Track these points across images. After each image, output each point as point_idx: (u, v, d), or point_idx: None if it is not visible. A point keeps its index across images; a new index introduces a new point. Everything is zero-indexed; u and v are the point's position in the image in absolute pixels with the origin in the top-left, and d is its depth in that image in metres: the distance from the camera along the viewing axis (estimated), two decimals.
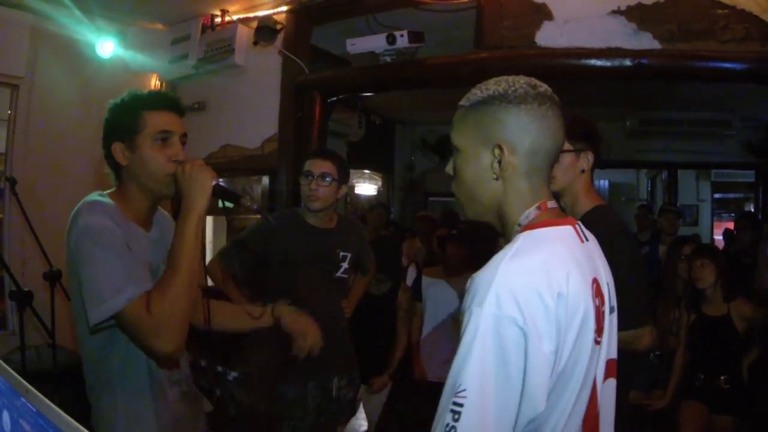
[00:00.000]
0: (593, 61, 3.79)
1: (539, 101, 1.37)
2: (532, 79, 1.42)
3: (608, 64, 3.75)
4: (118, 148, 1.96)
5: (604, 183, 10.53)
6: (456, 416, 1.16)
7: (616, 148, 8.90)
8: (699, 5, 3.63)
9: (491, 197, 1.42)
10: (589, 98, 7.18)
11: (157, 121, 1.96)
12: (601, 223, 2.15)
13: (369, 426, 4.73)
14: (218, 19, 5.14)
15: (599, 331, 1.34)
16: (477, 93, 1.43)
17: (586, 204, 2.44)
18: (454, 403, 1.16)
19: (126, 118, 1.95)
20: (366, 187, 9.77)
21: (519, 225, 1.38)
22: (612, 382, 1.46)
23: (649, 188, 10.91)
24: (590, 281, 1.34)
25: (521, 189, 1.39)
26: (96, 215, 1.83)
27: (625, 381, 2.09)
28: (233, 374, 4.76)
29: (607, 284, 1.45)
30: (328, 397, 3.44)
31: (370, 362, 4.36)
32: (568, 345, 1.24)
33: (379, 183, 10.00)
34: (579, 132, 2.46)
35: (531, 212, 1.38)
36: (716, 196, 10.47)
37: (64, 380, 4.01)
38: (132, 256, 1.83)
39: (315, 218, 3.41)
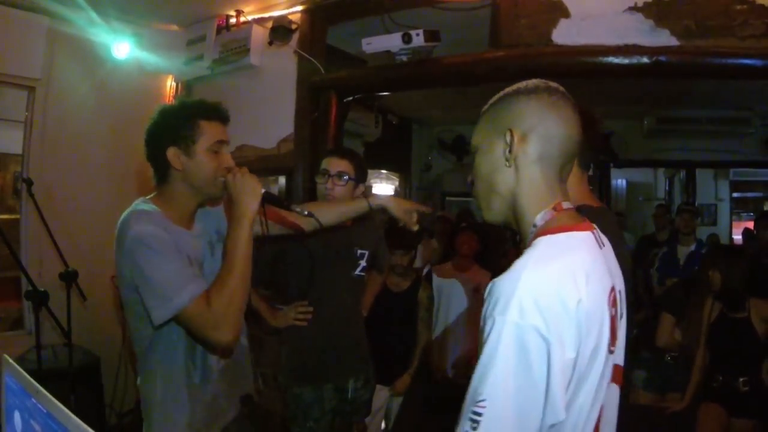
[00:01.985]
0: (610, 59, 3.75)
1: (549, 92, 1.41)
2: (546, 80, 1.46)
3: (626, 61, 3.71)
4: (173, 152, 2.10)
5: (621, 182, 10.45)
6: (474, 425, 1.16)
7: (634, 147, 8.86)
8: (717, 1, 3.59)
9: (506, 187, 1.43)
10: (606, 97, 7.14)
11: (213, 131, 2.13)
12: None
13: (387, 425, 4.72)
14: (233, 20, 5.15)
15: (613, 339, 1.34)
16: (495, 97, 1.49)
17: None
18: (474, 412, 1.16)
19: (183, 125, 2.10)
20: (383, 187, 9.76)
21: (534, 226, 1.38)
22: (615, 388, 1.45)
23: (667, 188, 10.81)
24: (608, 289, 1.34)
25: (534, 177, 1.40)
26: (144, 224, 1.99)
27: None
28: None
29: (620, 291, 1.45)
30: (344, 398, 3.44)
31: (391, 361, 4.34)
32: (586, 352, 1.24)
33: (396, 183, 9.99)
34: None
35: (547, 213, 1.38)
36: (735, 195, 10.35)
37: (80, 380, 4.04)
38: (184, 257, 2.03)
39: None
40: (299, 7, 4.94)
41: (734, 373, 3.98)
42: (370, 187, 9.23)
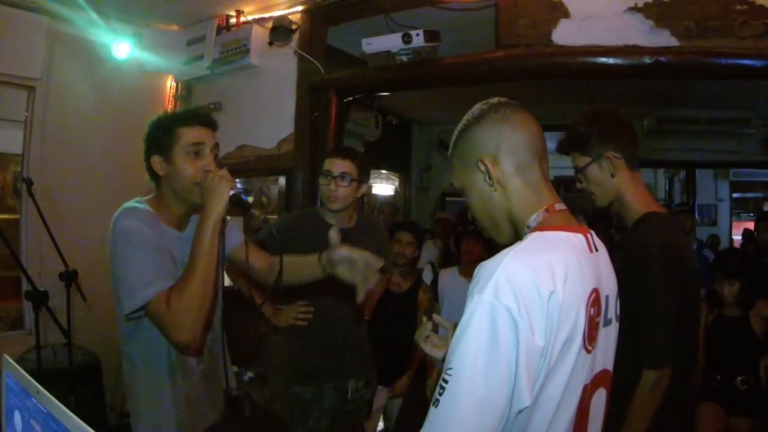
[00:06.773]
0: (611, 60, 3.74)
1: (494, 109, 1.53)
2: (486, 100, 1.57)
3: (626, 62, 3.71)
4: (156, 160, 2.21)
5: None
6: (441, 391, 1.25)
7: None
8: (717, 1, 3.58)
9: (500, 209, 1.53)
10: (606, 97, 7.13)
11: (189, 135, 2.19)
12: (636, 241, 2.20)
13: (386, 426, 4.71)
14: (233, 20, 5.15)
15: (590, 339, 1.38)
16: (452, 139, 1.61)
17: (634, 210, 2.35)
18: (443, 380, 1.25)
19: (162, 134, 2.20)
20: (383, 188, 9.74)
21: (528, 227, 1.46)
22: (602, 393, 1.49)
23: (667, 188, 10.81)
24: (588, 290, 1.39)
25: (519, 187, 1.50)
26: (131, 220, 2.08)
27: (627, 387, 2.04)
28: (249, 375, 4.76)
29: (607, 296, 1.49)
30: (344, 399, 3.43)
31: (391, 362, 4.33)
32: (558, 345, 1.28)
33: (396, 183, 9.98)
34: (585, 138, 2.40)
35: (540, 214, 1.47)
36: (735, 195, 10.35)
37: (80, 380, 4.03)
38: (160, 256, 2.09)
39: (334, 218, 3.37)
40: (299, 7, 4.94)
41: (732, 372, 3.98)
42: (370, 187, 9.22)
